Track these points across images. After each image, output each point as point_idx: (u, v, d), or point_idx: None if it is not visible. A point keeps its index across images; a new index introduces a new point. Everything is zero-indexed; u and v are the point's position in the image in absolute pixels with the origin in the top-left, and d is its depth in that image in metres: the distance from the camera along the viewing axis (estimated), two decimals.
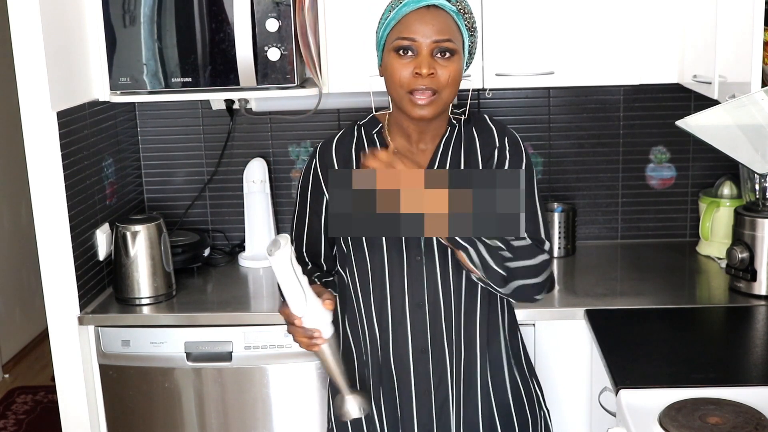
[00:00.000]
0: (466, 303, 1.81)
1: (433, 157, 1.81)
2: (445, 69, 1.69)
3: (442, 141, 1.81)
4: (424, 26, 1.68)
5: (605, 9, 2.48)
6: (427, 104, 1.70)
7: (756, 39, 1.87)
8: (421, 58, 1.68)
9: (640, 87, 2.67)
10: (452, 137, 1.82)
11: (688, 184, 2.94)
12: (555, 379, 2.39)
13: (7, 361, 4.49)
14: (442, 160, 1.80)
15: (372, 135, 1.84)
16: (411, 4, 1.69)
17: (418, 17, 1.68)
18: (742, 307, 2.40)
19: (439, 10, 1.69)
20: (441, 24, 1.69)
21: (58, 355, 2.48)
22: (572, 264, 2.80)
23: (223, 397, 2.49)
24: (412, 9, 1.69)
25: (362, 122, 1.87)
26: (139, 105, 2.95)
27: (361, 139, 1.85)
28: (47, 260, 2.44)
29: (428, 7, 1.69)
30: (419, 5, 1.69)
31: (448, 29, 1.69)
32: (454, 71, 1.70)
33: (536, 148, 2.93)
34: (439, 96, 1.70)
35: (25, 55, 2.29)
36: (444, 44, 1.68)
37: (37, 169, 2.38)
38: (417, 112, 1.71)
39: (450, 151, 1.81)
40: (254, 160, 2.91)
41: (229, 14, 2.43)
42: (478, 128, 1.83)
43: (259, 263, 2.86)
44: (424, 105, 1.70)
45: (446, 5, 1.69)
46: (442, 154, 1.80)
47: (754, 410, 1.72)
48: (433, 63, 1.68)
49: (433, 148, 1.81)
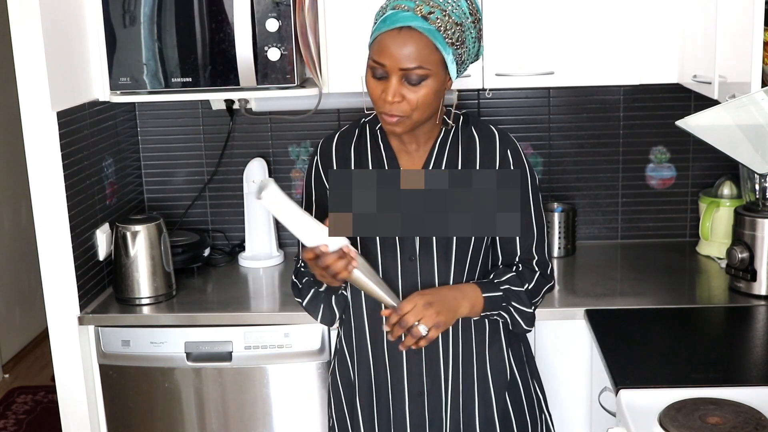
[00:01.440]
0: None
1: (428, 158, 1.81)
2: (414, 94, 1.66)
3: (437, 142, 1.81)
4: (395, 50, 1.63)
5: (605, 9, 2.48)
6: (396, 124, 1.69)
7: (756, 39, 1.87)
8: (389, 83, 1.65)
9: (640, 87, 2.67)
10: (448, 138, 1.81)
11: (688, 184, 2.94)
12: (555, 379, 2.39)
13: (7, 361, 4.49)
14: (438, 160, 1.80)
15: (375, 130, 1.85)
16: (386, 24, 1.65)
17: (390, 40, 1.63)
18: (742, 307, 2.40)
19: (413, 32, 1.62)
20: (412, 48, 1.62)
21: (58, 355, 2.48)
22: (572, 264, 2.80)
23: (223, 397, 2.49)
24: (386, 29, 1.64)
25: (367, 119, 1.87)
26: (139, 105, 2.95)
27: (363, 135, 1.85)
28: (47, 260, 2.44)
29: (401, 29, 1.63)
30: (393, 27, 1.63)
31: (418, 54, 1.63)
32: (423, 96, 1.66)
33: (536, 148, 2.93)
34: (408, 118, 1.69)
35: (25, 55, 2.29)
36: (413, 72, 1.64)
37: (37, 169, 2.38)
38: (388, 128, 1.72)
39: (446, 152, 1.80)
40: (254, 160, 2.90)
41: (229, 14, 2.43)
42: (480, 132, 1.82)
43: (259, 263, 2.86)
44: (394, 124, 1.69)
45: (422, 26, 1.62)
46: (437, 154, 1.80)
47: (754, 410, 1.72)
48: (402, 88, 1.65)
49: (428, 149, 1.81)
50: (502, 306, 1.78)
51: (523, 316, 1.81)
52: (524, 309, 1.80)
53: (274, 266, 2.86)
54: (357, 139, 1.85)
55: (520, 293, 1.79)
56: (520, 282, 1.80)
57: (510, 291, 1.79)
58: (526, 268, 1.83)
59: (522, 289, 1.80)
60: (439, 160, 1.80)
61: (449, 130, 1.82)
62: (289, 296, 2.56)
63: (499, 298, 1.77)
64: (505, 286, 1.79)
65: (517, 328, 1.84)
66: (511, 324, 1.83)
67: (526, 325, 1.83)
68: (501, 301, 1.78)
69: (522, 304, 1.80)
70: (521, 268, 1.83)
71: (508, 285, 1.79)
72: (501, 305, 1.78)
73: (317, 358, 2.45)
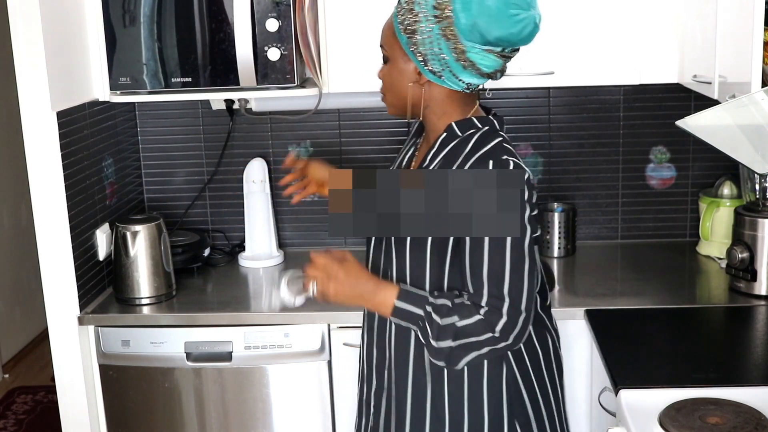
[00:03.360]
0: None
1: (424, 157, 1.81)
2: (381, 73, 1.79)
3: (436, 143, 1.79)
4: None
5: (605, 9, 2.48)
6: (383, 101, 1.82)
7: (756, 39, 1.87)
8: None
9: (640, 87, 2.67)
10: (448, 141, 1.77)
11: (688, 184, 2.94)
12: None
13: (7, 361, 4.49)
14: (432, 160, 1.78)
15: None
16: None
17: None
18: (742, 307, 2.40)
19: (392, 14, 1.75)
20: (384, 28, 1.76)
21: (58, 355, 2.48)
22: (572, 264, 2.80)
23: (223, 397, 2.49)
24: None
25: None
26: (139, 105, 2.95)
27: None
28: (47, 260, 2.44)
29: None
30: None
31: (384, 35, 1.76)
32: (384, 76, 1.78)
33: (536, 148, 2.92)
34: (384, 97, 1.80)
35: (25, 55, 2.29)
36: (382, 50, 1.77)
37: (37, 169, 2.38)
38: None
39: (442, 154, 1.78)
40: (254, 160, 2.90)
41: (229, 14, 2.43)
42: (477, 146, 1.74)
43: (259, 263, 2.86)
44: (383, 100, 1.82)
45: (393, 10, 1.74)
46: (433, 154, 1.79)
47: (754, 410, 1.72)
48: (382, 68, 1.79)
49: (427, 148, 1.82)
50: (419, 324, 1.69)
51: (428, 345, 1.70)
52: (431, 341, 1.68)
53: (274, 266, 2.86)
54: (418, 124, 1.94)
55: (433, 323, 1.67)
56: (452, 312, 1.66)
57: (430, 316, 1.68)
58: (472, 303, 1.67)
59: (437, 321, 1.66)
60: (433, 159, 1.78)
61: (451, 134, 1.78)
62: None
63: (417, 316, 1.69)
64: (429, 309, 1.68)
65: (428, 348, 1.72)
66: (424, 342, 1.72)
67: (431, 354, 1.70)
68: (418, 319, 1.69)
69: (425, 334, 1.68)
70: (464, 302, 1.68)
71: (432, 310, 1.67)
72: (417, 323, 1.69)
73: (317, 358, 2.45)
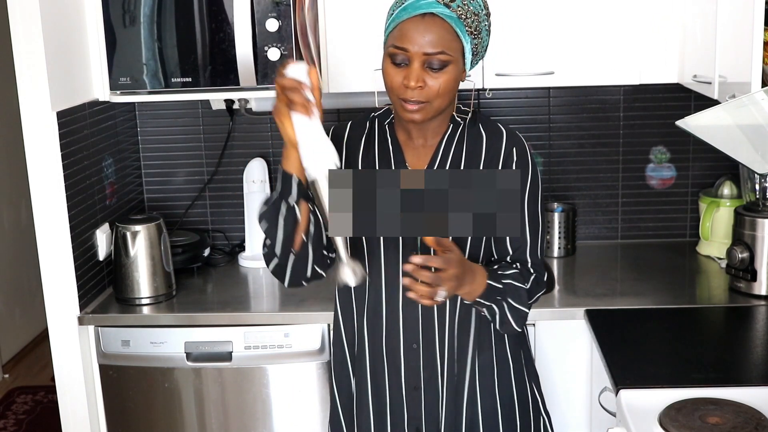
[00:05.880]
0: (461, 305, 1.82)
1: (434, 155, 1.81)
2: (435, 80, 1.67)
3: (443, 139, 1.81)
4: (417, 36, 1.65)
5: (605, 9, 2.48)
6: (416, 111, 1.70)
7: (756, 39, 1.87)
8: (411, 69, 1.66)
9: (640, 87, 2.67)
10: (455, 135, 1.81)
11: (688, 184, 2.94)
12: (555, 379, 2.39)
13: (7, 361, 4.49)
14: (444, 157, 1.80)
15: (384, 125, 1.85)
16: (407, 11, 1.67)
17: (413, 26, 1.65)
18: (742, 307, 2.40)
19: (436, 18, 1.64)
20: (435, 34, 1.65)
21: (58, 355, 2.48)
22: (572, 264, 2.80)
23: (223, 397, 2.49)
24: (408, 17, 1.66)
25: (377, 113, 1.88)
26: (139, 105, 2.95)
27: (373, 129, 1.86)
28: (47, 260, 2.43)
29: (424, 16, 1.66)
30: (415, 13, 1.66)
31: (441, 40, 1.66)
32: (445, 82, 1.68)
33: (536, 148, 2.92)
34: (429, 105, 1.70)
35: (25, 55, 2.29)
36: (435, 57, 1.65)
37: (37, 169, 2.38)
38: (407, 116, 1.71)
39: (452, 149, 1.81)
40: (254, 160, 2.91)
41: (229, 14, 2.43)
42: (486, 129, 1.82)
43: (259, 263, 2.86)
44: (414, 111, 1.70)
45: (444, 12, 1.64)
46: (443, 151, 1.80)
47: (754, 410, 1.72)
48: (424, 75, 1.66)
49: (434, 145, 1.81)
50: (497, 300, 1.74)
51: (516, 314, 1.77)
52: (519, 307, 1.76)
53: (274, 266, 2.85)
54: (367, 132, 1.86)
55: (520, 290, 1.76)
56: (522, 279, 1.78)
57: (511, 286, 1.75)
58: (524, 268, 1.81)
59: (522, 287, 1.77)
60: (444, 156, 1.80)
61: (457, 126, 1.82)
62: (289, 296, 2.57)
63: (498, 291, 1.74)
64: (508, 280, 1.75)
65: (505, 327, 1.79)
66: (500, 321, 1.77)
67: (516, 324, 1.78)
68: (498, 294, 1.74)
69: (519, 302, 1.76)
70: (519, 267, 1.80)
71: (511, 280, 1.76)
72: (496, 298, 1.74)
73: (317, 358, 2.45)
